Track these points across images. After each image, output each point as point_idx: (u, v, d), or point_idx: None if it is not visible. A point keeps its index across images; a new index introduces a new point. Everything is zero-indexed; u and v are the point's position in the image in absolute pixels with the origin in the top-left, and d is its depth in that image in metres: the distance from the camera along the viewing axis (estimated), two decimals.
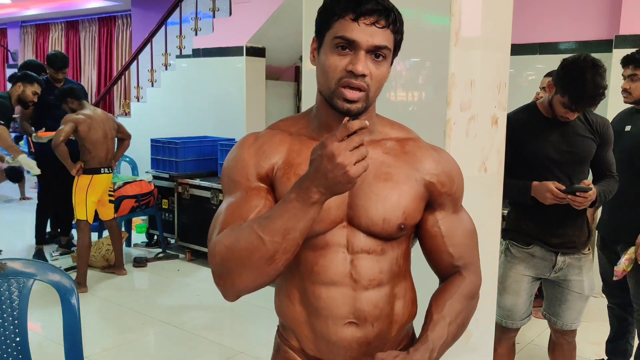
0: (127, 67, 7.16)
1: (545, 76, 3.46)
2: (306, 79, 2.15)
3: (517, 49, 3.97)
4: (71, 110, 4.26)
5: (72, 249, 4.99)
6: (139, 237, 5.64)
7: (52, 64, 4.89)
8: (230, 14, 5.96)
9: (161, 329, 3.66)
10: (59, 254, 5.07)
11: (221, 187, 1.22)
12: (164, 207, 5.29)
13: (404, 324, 1.22)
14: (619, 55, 2.84)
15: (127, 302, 4.06)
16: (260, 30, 5.50)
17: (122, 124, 4.67)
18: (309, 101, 2.08)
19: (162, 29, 6.56)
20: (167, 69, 6.48)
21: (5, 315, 1.76)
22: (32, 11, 10.55)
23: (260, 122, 5.68)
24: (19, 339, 1.76)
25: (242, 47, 5.58)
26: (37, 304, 2.41)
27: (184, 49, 6.31)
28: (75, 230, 4.62)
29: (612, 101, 3.66)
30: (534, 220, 2.34)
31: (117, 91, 9.53)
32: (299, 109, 6.43)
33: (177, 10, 6.41)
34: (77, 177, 4.20)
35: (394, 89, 1.94)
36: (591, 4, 4.59)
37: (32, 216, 5.01)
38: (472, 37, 1.88)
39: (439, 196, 1.19)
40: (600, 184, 2.31)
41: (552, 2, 4.75)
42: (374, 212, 1.13)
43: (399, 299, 1.20)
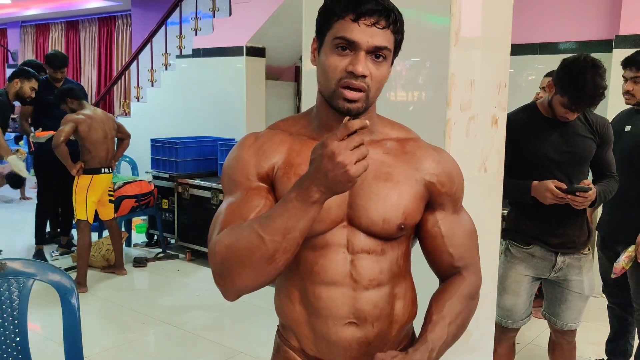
0: (127, 67, 7.16)
1: (545, 76, 3.46)
2: (306, 79, 2.15)
3: (517, 49, 3.97)
4: (71, 110, 4.25)
5: (72, 249, 4.99)
6: (139, 237, 5.64)
7: (51, 63, 4.88)
8: (230, 14, 5.96)
9: (161, 329, 3.66)
10: (59, 254, 5.07)
11: (221, 187, 1.22)
12: (164, 207, 5.29)
13: (404, 324, 1.22)
14: (619, 55, 2.84)
15: (127, 302, 4.06)
16: (260, 30, 5.50)
17: (122, 124, 4.67)
18: (309, 101, 2.08)
19: (162, 29, 6.57)
20: (167, 69, 6.48)
21: (5, 315, 1.76)
22: (32, 11, 10.55)
23: (260, 122, 5.68)
24: (19, 339, 1.76)
25: (242, 47, 5.58)
26: (37, 304, 2.41)
27: (184, 49, 6.31)
28: (75, 230, 4.62)
29: (612, 101, 3.66)
30: (534, 220, 2.34)
31: (117, 91, 9.54)
32: (299, 109, 6.42)
33: (177, 10, 6.41)
34: (77, 177, 4.20)
35: (394, 89, 1.94)
36: (591, 4, 4.59)
37: (32, 216, 5.00)
38: (472, 37, 1.88)
39: (439, 196, 1.19)
40: (600, 184, 2.31)
41: (552, 2, 4.75)
42: (374, 212, 1.13)
43: (399, 299, 1.20)
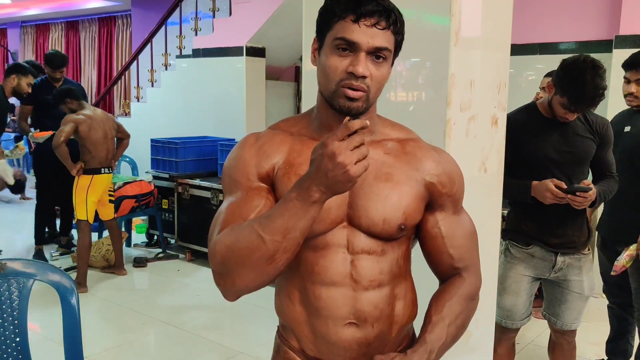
0: (127, 67, 7.16)
1: (545, 76, 3.46)
2: (306, 79, 2.15)
3: (517, 49, 3.97)
4: (70, 110, 4.24)
5: (72, 249, 4.99)
6: (139, 237, 5.64)
7: (50, 63, 4.87)
8: (230, 14, 5.96)
9: (161, 329, 3.66)
10: (59, 254, 5.07)
11: (222, 187, 1.22)
12: (164, 207, 5.29)
13: (404, 324, 1.22)
14: (619, 55, 2.84)
15: (127, 302, 4.06)
16: (260, 30, 5.50)
17: (122, 124, 4.67)
18: (309, 101, 2.08)
19: (162, 29, 6.56)
20: (167, 69, 6.48)
21: (5, 315, 1.76)
22: (32, 11, 10.55)
23: (260, 122, 5.68)
24: (19, 339, 1.76)
25: (242, 47, 5.58)
26: (37, 304, 2.41)
27: (184, 49, 6.31)
28: (75, 230, 4.62)
29: (612, 101, 3.66)
30: (534, 220, 2.34)
31: (117, 91, 9.54)
32: (299, 109, 6.42)
33: (177, 10, 6.41)
34: (77, 177, 4.20)
35: (394, 89, 1.94)
36: (591, 4, 4.59)
37: (32, 216, 5.00)
38: (472, 37, 1.88)
39: (440, 197, 1.19)
40: (600, 184, 2.31)
41: (552, 2, 4.75)
42: (374, 213, 1.13)
43: (399, 300, 1.20)
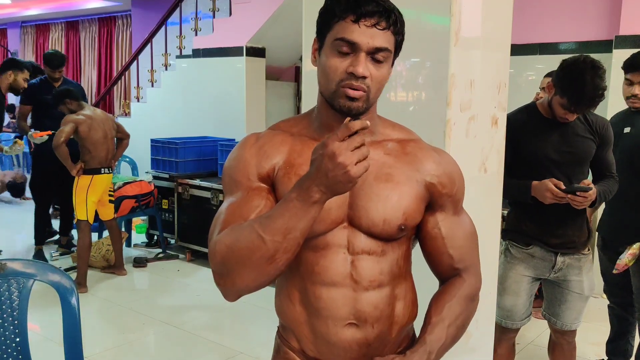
0: (127, 67, 7.16)
1: (545, 76, 3.46)
2: (306, 80, 2.15)
3: (517, 49, 3.97)
4: (70, 111, 4.23)
5: (72, 249, 4.99)
6: (139, 237, 5.63)
7: (48, 62, 4.87)
8: (230, 14, 5.96)
9: (161, 329, 3.66)
10: (58, 254, 5.07)
11: (222, 187, 1.22)
12: (164, 207, 5.29)
13: (404, 325, 1.22)
14: (619, 55, 2.83)
15: (127, 302, 4.06)
16: (260, 30, 5.50)
17: (121, 124, 4.67)
18: (309, 101, 2.08)
19: (162, 29, 6.57)
20: (167, 69, 6.48)
21: (5, 315, 1.76)
22: (32, 11, 10.55)
23: (260, 122, 5.68)
24: (19, 339, 1.76)
25: (242, 47, 5.58)
26: (37, 304, 2.41)
27: (184, 49, 6.31)
28: (75, 230, 4.62)
29: (612, 102, 3.65)
30: (534, 220, 2.34)
31: (117, 91, 9.54)
32: (299, 109, 6.42)
33: (177, 10, 6.41)
34: (77, 177, 4.20)
35: (394, 89, 1.94)
36: (591, 4, 4.59)
37: (32, 216, 5.00)
38: (472, 37, 1.88)
39: (440, 197, 1.19)
40: (600, 184, 2.31)
41: (552, 2, 4.75)
42: (375, 213, 1.13)
43: (400, 300, 1.20)
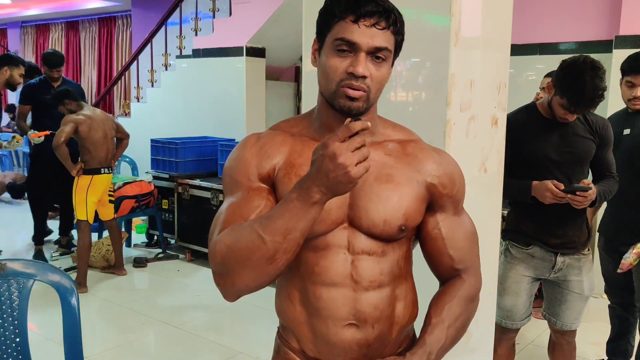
0: (127, 68, 7.16)
1: (545, 76, 3.46)
2: (306, 80, 2.15)
3: (517, 49, 3.97)
4: (69, 111, 4.23)
5: (72, 249, 4.99)
6: (139, 237, 5.63)
7: (47, 62, 4.86)
8: (230, 14, 5.96)
9: (161, 329, 3.66)
10: (58, 254, 5.07)
11: (222, 187, 1.22)
12: (164, 207, 5.28)
13: (404, 325, 1.22)
14: (619, 55, 2.83)
15: (127, 302, 4.06)
16: (260, 30, 5.50)
17: (121, 124, 4.67)
18: (309, 101, 2.08)
19: (162, 29, 6.57)
20: (167, 69, 6.48)
21: (5, 315, 1.76)
22: (32, 11, 10.55)
23: (260, 122, 5.68)
24: (19, 339, 1.76)
25: (242, 48, 5.58)
26: (37, 304, 2.41)
27: (184, 49, 6.31)
28: (75, 230, 4.62)
29: (612, 102, 3.65)
30: (534, 220, 2.33)
31: (117, 91, 9.53)
32: (299, 109, 6.42)
33: (177, 10, 6.41)
34: (77, 177, 4.20)
35: (394, 89, 1.94)
36: (591, 4, 4.59)
37: (31, 216, 5.00)
38: (472, 37, 1.88)
39: (440, 198, 1.19)
40: (600, 184, 2.31)
41: (552, 2, 4.75)
42: (375, 214, 1.13)
43: (400, 301, 1.20)
